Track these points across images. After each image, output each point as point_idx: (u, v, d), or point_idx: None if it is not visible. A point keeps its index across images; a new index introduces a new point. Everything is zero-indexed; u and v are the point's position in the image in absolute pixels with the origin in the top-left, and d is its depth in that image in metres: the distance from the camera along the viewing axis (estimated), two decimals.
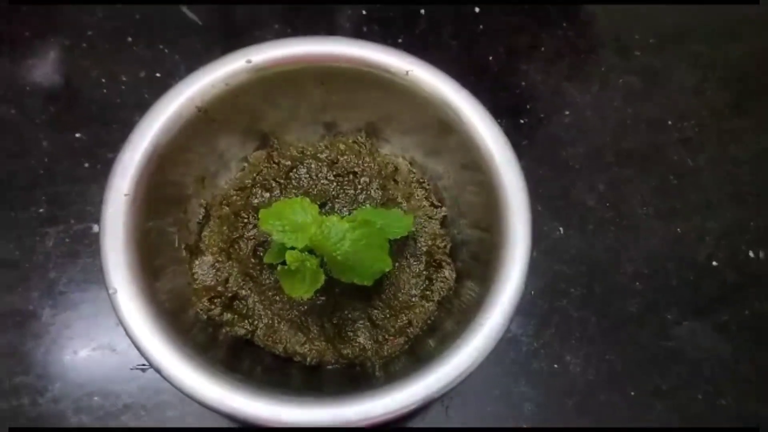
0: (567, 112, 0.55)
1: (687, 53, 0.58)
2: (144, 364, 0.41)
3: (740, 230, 0.52)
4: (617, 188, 0.52)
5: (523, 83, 0.56)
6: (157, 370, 0.32)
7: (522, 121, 0.55)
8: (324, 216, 0.36)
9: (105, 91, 0.52)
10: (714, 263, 0.50)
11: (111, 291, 0.34)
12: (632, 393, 0.45)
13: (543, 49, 0.58)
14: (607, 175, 0.53)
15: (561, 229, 0.50)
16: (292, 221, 0.35)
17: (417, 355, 0.39)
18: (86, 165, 0.49)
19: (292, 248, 0.35)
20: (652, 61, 0.58)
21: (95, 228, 0.47)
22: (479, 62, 0.56)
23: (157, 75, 0.53)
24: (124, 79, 0.52)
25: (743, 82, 0.57)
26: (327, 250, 0.34)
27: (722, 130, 0.55)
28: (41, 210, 0.47)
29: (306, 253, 0.35)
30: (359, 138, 0.45)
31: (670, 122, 0.56)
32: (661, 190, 0.53)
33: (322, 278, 0.35)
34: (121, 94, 0.52)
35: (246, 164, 0.45)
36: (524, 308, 0.34)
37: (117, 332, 0.43)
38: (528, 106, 0.55)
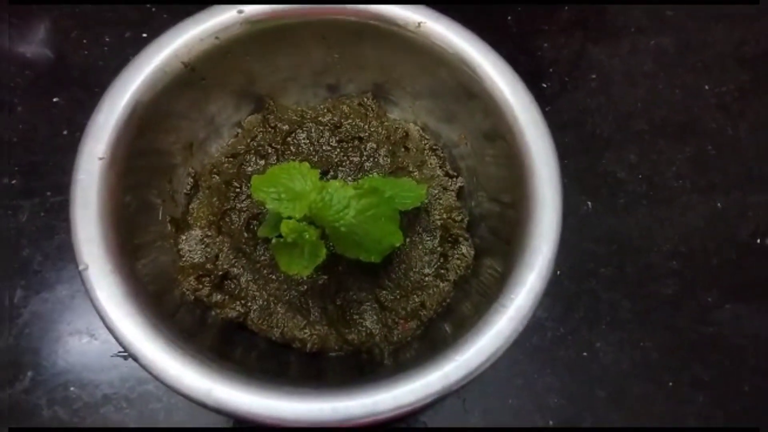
0: (593, 77, 0.51)
1: (723, 13, 0.53)
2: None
3: None
4: (650, 159, 0.48)
5: (545, 45, 0.52)
6: (134, 358, 0.28)
7: (544, 86, 0.50)
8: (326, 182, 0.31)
9: (86, 52, 0.48)
10: (758, 241, 0.45)
11: (81, 267, 0.30)
12: (670, 384, 0.41)
13: (566, 7, 0.53)
14: (638, 144, 0.48)
15: (589, 203, 0.46)
16: (288, 188, 0.31)
17: (431, 341, 0.35)
18: (65, 133, 0.45)
19: (289, 218, 0.30)
20: (685, 22, 0.53)
21: None
22: (497, 22, 0.52)
23: (144, 35, 0.48)
24: (107, 39, 0.48)
25: None
26: (329, 220, 0.30)
27: (764, 95, 0.50)
28: (14, 181, 0.43)
29: (305, 223, 0.30)
30: (365, 100, 0.41)
31: (706, 87, 0.51)
32: (698, 161, 0.48)
33: (324, 252, 0.30)
34: (104, 56, 0.47)
35: (239, 130, 0.41)
36: (549, 290, 0.30)
37: (97, 316, 0.39)
38: (551, 70, 0.51)
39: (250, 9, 0.36)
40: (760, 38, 0.53)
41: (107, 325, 0.29)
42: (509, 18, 0.52)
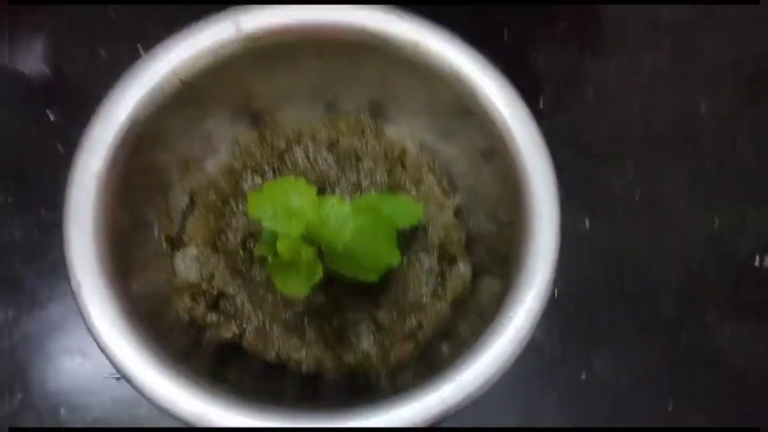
0: (590, 90, 0.50)
1: (721, 25, 0.53)
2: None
3: None
4: (648, 175, 0.47)
5: (541, 59, 0.51)
6: (126, 379, 0.28)
7: (540, 100, 0.49)
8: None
9: (81, 66, 0.47)
10: (757, 259, 0.45)
11: (74, 285, 0.29)
12: (670, 406, 0.40)
13: (562, 23, 0.52)
14: (635, 159, 0.48)
15: (587, 220, 0.45)
16: (285, 205, 0.30)
17: (428, 363, 0.34)
18: (59, 147, 0.44)
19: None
20: (682, 34, 0.52)
21: None
22: (493, 37, 0.51)
23: (139, 48, 0.48)
24: (102, 53, 0.47)
25: None
26: (326, 239, 0.30)
27: (763, 109, 0.50)
28: (9, 199, 0.43)
29: (302, 241, 0.30)
30: (362, 118, 0.40)
31: (704, 101, 0.50)
32: (696, 177, 0.47)
33: (321, 271, 0.30)
34: (99, 70, 0.47)
35: (236, 146, 0.40)
36: (548, 310, 0.30)
37: (89, 336, 0.38)
38: (547, 84, 0.50)
39: (249, 26, 0.35)
40: (759, 52, 0.52)
41: (99, 344, 0.28)
42: (506, 30, 0.52)
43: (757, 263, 0.45)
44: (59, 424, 0.37)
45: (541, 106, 0.49)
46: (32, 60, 0.47)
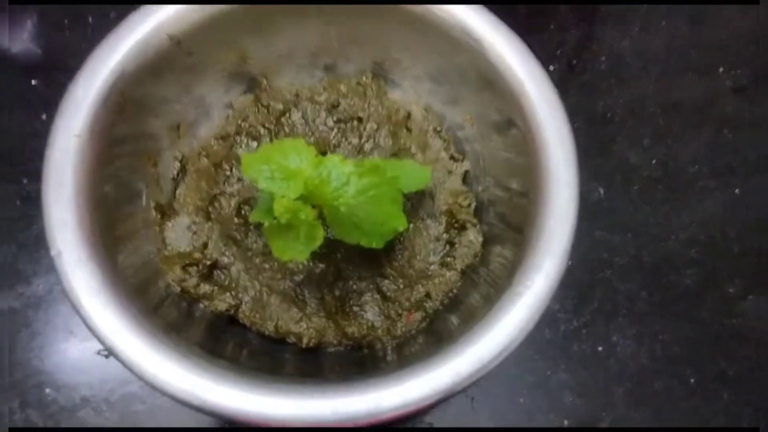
0: (603, 58, 0.48)
1: None
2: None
3: None
4: (664, 143, 0.45)
5: (552, 26, 0.49)
6: (111, 352, 0.26)
7: (552, 68, 0.47)
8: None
9: (68, 34, 0.45)
10: None
11: (54, 253, 0.27)
12: (692, 380, 0.38)
13: None
14: (651, 128, 0.46)
15: (601, 190, 0.43)
16: (282, 166, 0.28)
17: (437, 335, 0.32)
18: (43, 117, 0.42)
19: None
20: (698, 2, 0.50)
21: None
22: (499, 2, 0.49)
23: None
24: (91, 20, 0.45)
25: None
26: (327, 198, 0.27)
27: None
28: None
29: (301, 202, 0.27)
30: (364, 79, 0.38)
31: (721, 69, 0.48)
32: (714, 145, 0.46)
33: (321, 234, 0.28)
34: (88, 38, 0.44)
35: (230, 111, 0.38)
36: (562, 280, 0.28)
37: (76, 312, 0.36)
38: (558, 52, 0.48)
39: None
40: None
41: (81, 315, 0.26)
42: None
43: None
44: (44, 404, 0.35)
45: (553, 76, 0.47)
46: (15, 28, 0.45)
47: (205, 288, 0.33)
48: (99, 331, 0.26)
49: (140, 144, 0.34)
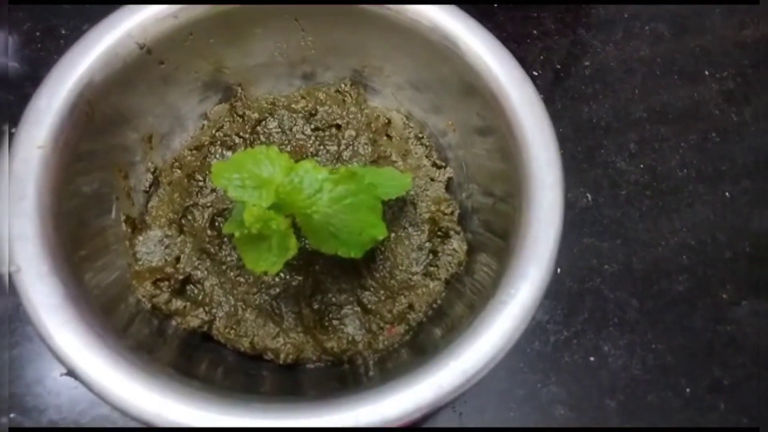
0: (587, 64, 0.48)
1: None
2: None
3: None
4: (651, 148, 0.45)
5: (535, 32, 0.48)
6: (70, 371, 0.24)
7: (535, 74, 0.47)
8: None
9: (39, 45, 0.44)
10: None
11: (12, 269, 0.26)
12: (688, 389, 0.37)
13: None
14: (638, 133, 0.45)
15: (588, 196, 0.43)
16: (254, 174, 0.27)
17: (421, 348, 0.31)
18: (12, 130, 0.40)
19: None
20: (681, 6, 0.50)
21: None
22: (484, 8, 0.48)
23: None
24: (63, 32, 0.44)
25: None
26: (299, 206, 0.26)
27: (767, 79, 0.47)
28: None
29: (273, 211, 0.26)
30: (343, 86, 0.37)
31: (707, 72, 0.48)
32: (702, 148, 0.45)
33: (294, 245, 0.26)
34: (60, 50, 0.43)
35: (205, 122, 0.37)
36: (550, 289, 0.27)
37: None
38: (542, 57, 0.48)
39: None
40: (760, 21, 0.50)
41: (40, 333, 0.25)
42: (495, 5, 0.49)
43: None
44: (12, 424, 0.33)
45: (538, 82, 0.47)
46: None
47: (177, 304, 0.31)
48: (58, 350, 0.25)
49: (110, 156, 0.33)
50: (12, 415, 0.33)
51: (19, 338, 0.36)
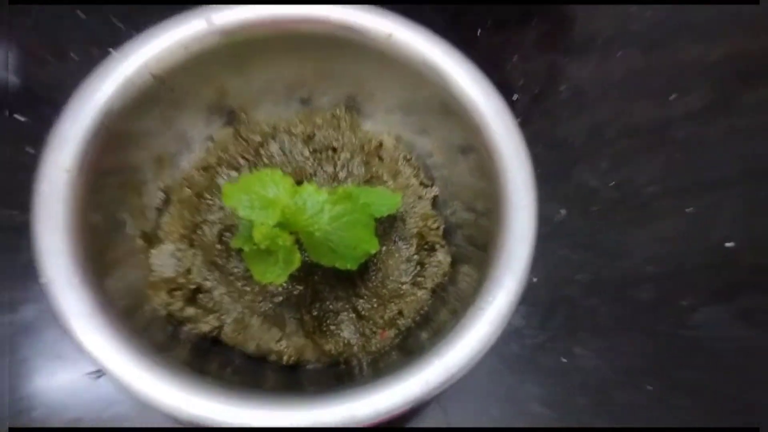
0: (563, 87, 0.51)
1: (688, 24, 0.54)
2: (96, 371, 0.36)
3: (756, 209, 0.47)
4: (622, 166, 0.48)
5: (515, 58, 0.52)
6: (103, 371, 0.27)
7: (515, 98, 0.50)
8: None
9: (52, 70, 0.46)
10: (728, 244, 0.46)
11: (43, 281, 0.28)
12: (650, 388, 0.40)
13: (534, 21, 0.53)
14: (609, 152, 0.49)
15: (563, 211, 0.46)
16: (261, 196, 0.30)
17: (409, 349, 0.34)
18: (30, 151, 0.43)
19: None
20: (651, 33, 0.54)
21: None
22: (466, 36, 0.52)
23: (111, 52, 0.47)
24: (73, 56, 0.47)
25: (749, 54, 0.53)
26: (302, 225, 0.29)
27: (731, 103, 0.51)
28: None
29: (278, 229, 0.29)
30: (338, 111, 0.41)
31: (674, 96, 0.51)
32: (668, 166, 0.48)
33: (298, 258, 0.30)
34: (72, 73, 0.46)
35: (210, 143, 0.40)
36: (527, 297, 0.30)
37: (63, 336, 0.37)
38: (521, 82, 0.51)
39: (220, 20, 0.35)
40: (725, 47, 0.54)
41: (73, 338, 0.27)
42: (479, 32, 0.52)
43: (729, 245, 0.45)
44: (33, 424, 0.36)
45: (516, 104, 0.50)
46: (1, 67, 0.47)
47: (189, 311, 0.34)
48: (91, 353, 0.27)
49: (125, 176, 0.35)
50: (35, 414, 0.36)
51: (39, 343, 0.38)
